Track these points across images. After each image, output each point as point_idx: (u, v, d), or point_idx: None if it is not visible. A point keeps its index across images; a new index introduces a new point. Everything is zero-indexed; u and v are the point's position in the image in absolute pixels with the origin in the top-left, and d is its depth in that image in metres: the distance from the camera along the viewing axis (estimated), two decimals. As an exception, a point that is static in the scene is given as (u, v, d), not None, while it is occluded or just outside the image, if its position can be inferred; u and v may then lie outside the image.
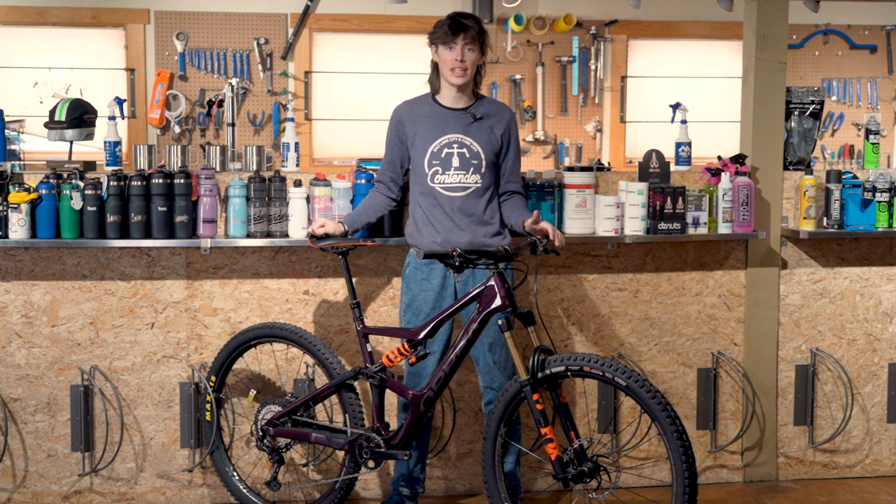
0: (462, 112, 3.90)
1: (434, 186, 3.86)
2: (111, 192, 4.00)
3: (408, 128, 3.91)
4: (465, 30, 3.79)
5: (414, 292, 3.91)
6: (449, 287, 3.88)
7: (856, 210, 4.42)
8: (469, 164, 3.85)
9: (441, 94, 3.92)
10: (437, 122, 3.88)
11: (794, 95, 4.61)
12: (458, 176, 3.85)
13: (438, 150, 3.86)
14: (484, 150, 3.87)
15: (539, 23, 6.77)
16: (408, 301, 3.94)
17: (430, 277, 3.88)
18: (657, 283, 4.45)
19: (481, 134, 3.87)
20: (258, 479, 4.26)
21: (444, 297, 3.88)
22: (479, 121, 3.88)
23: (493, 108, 3.94)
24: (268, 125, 6.63)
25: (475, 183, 3.86)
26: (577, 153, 6.94)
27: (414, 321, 3.90)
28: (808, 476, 4.60)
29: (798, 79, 7.01)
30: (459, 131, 3.87)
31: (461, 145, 3.86)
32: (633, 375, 3.40)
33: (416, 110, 3.94)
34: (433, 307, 3.87)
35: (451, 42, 3.80)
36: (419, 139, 3.88)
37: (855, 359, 4.60)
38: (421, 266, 3.89)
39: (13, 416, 4.20)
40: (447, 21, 3.82)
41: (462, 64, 3.81)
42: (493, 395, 3.90)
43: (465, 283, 3.86)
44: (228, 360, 4.08)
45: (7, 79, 6.46)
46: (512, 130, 3.94)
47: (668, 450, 3.36)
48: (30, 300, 4.16)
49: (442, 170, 3.85)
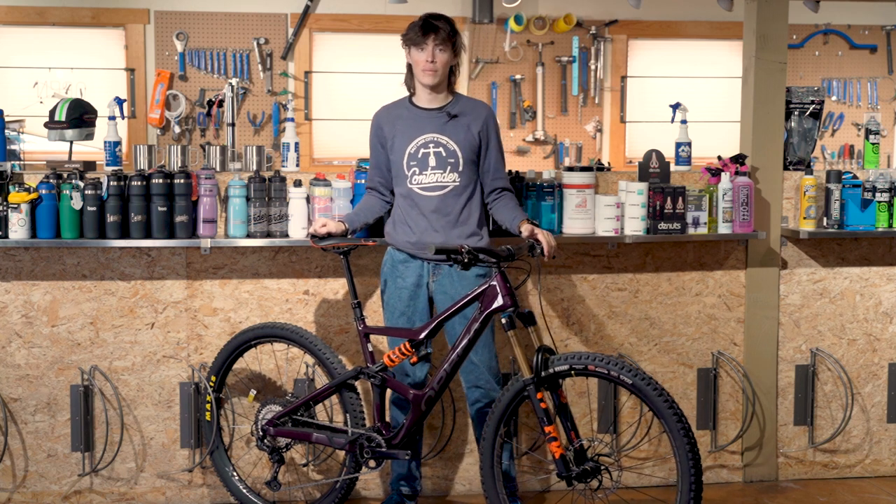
0: (437, 111, 3.89)
1: (412, 187, 3.86)
2: (111, 192, 4.00)
3: (387, 131, 3.92)
4: (435, 31, 3.81)
5: (391, 290, 3.93)
6: (423, 286, 3.88)
7: (856, 210, 4.42)
8: (446, 162, 3.85)
9: (417, 96, 3.93)
10: (413, 123, 3.88)
11: (794, 95, 4.61)
12: (435, 175, 3.85)
13: (415, 151, 3.86)
14: (461, 147, 3.85)
15: (539, 23, 6.77)
16: (386, 298, 3.96)
17: (405, 276, 3.89)
18: (657, 283, 4.45)
19: (458, 132, 3.86)
20: (258, 479, 4.26)
21: (418, 295, 3.88)
22: (455, 119, 3.87)
23: (469, 106, 3.93)
24: (268, 125, 6.63)
25: (453, 182, 3.85)
26: (577, 153, 6.94)
27: (391, 318, 3.92)
28: (808, 476, 4.60)
29: (798, 79, 7.01)
30: (435, 130, 3.86)
31: (437, 144, 3.86)
32: (639, 374, 3.40)
33: (393, 113, 3.95)
34: (407, 305, 3.88)
35: (421, 43, 3.82)
36: (397, 141, 3.89)
37: (855, 359, 4.60)
38: (397, 265, 3.90)
39: (13, 416, 4.20)
40: (419, 22, 3.84)
41: (433, 65, 3.81)
42: (479, 394, 3.90)
43: (439, 284, 3.86)
44: (228, 360, 4.08)
45: (7, 79, 6.46)
46: (490, 127, 3.92)
47: (674, 448, 3.36)
48: (30, 300, 4.16)
49: (419, 170, 3.85)
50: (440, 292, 3.86)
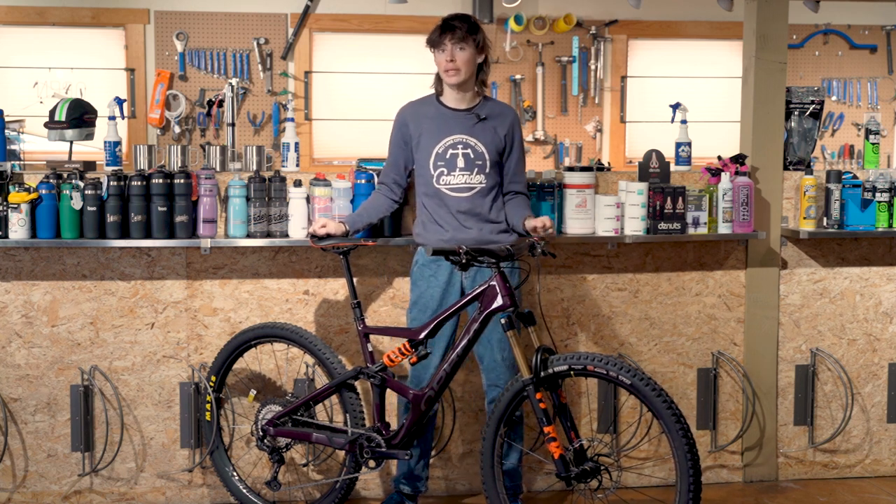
0: (466, 113, 3.90)
1: (440, 188, 3.87)
2: (111, 192, 4.00)
3: (412, 129, 3.92)
4: (451, 30, 3.82)
5: (421, 289, 3.92)
6: (455, 284, 3.88)
7: (856, 210, 4.42)
8: (474, 164, 3.86)
9: (445, 96, 3.94)
10: (441, 123, 3.89)
11: (794, 95, 4.61)
12: (464, 176, 3.86)
13: (443, 151, 3.87)
14: (488, 150, 3.88)
15: (539, 23, 6.77)
16: (415, 298, 3.95)
17: (437, 274, 3.89)
18: (657, 283, 4.45)
19: (485, 134, 3.88)
20: (258, 479, 4.26)
21: (450, 293, 3.89)
22: (484, 121, 3.89)
23: (496, 109, 3.95)
24: (268, 125, 6.63)
25: (480, 183, 3.87)
26: (577, 153, 6.94)
27: (420, 318, 3.91)
28: (808, 476, 4.60)
29: (798, 79, 7.01)
30: (464, 132, 3.88)
31: (466, 146, 3.87)
32: (638, 374, 3.40)
33: (420, 111, 3.94)
34: (440, 304, 3.88)
35: (440, 44, 3.83)
36: (424, 140, 3.89)
37: (855, 359, 4.60)
38: (429, 263, 3.90)
39: (13, 416, 4.20)
40: (439, 23, 3.85)
41: (453, 65, 3.82)
42: (497, 393, 3.90)
43: (472, 280, 3.87)
44: (228, 360, 4.08)
45: (7, 79, 6.46)
46: (516, 131, 3.96)
47: (673, 448, 3.36)
48: (30, 300, 4.16)
49: (447, 171, 3.86)
50: (472, 288, 3.84)
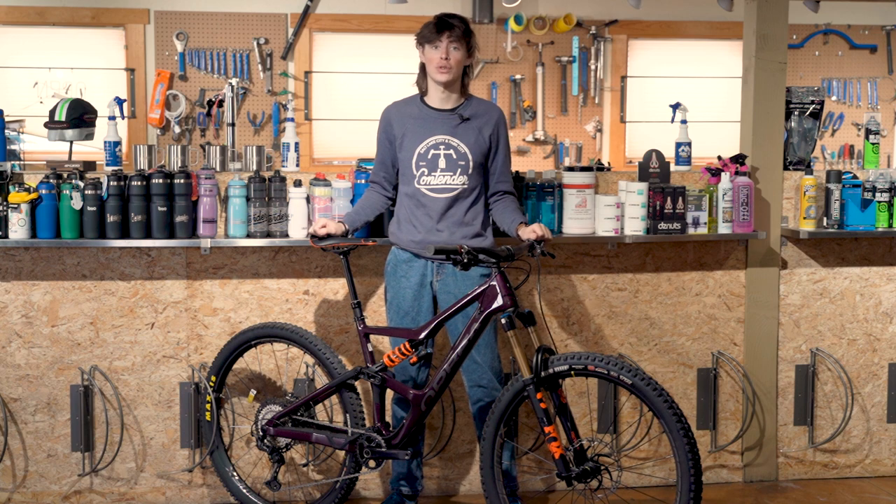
0: (449, 113, 3.89)
1: (419, 188, 3.86)
2: (111, 192, 4.00)
3: (396, 129, 3.91)
4: (450, 28, 3.80)
5: (394, 289, 3.93)
6: (426, 286, 3.88)
7: (856, 210, 4.42)
8: (456, 165, 3.85)
9: (429, 96, 3.92)
10: (424, 123, 3.88)
11: (794, 95, 4.61)
12: (445, 177, 3.85)
13: (425, 152, 3.86)
14: (471, 151, 3.86)
15: (539, 23, 6.77)
16: (389, 298, 3.96)
17: (409, 275, 3.89)
18: (657, 283, 4.45)
19: (469, 135, 3.86)
20: (258, 479, 4.26)
21: (423, 295, 3.88)
22: (467, 121, 3.87)
23: (481, 109, 3.93)
24: (268, 125, 6.63)
25: (462, 184, 3.85)
26: (577, 153, 6.94)
27: (395, 318, 3.92)
28: (808, 476, 4.60)
29: (798, 79, 7.01)
30: (446, 132, 3.86)
31: (448, 146, 3.85)
32: (639, 373, 3.40)
33: (404, 111, 3.94)
34: (411, 305, 3.88)
35: (436, 40, 3.81)
36: (407, 140, 3.88)
37: (855, 359, 4.60)
38: (400, 263, 3.90)
39: (13, 416, 4.20)
40: (433, 20, 3.84)
41: (447, 62, 3.81)
42: (482, 393, 3.90)
43: (443, 283, 3.86)
44: (228, 360, 4.08)
45: (7, 79, 6.46)
46: (501, 130, 3.93)
47: (674, 448, 3.36)
48: (30, 300, 4.16)
49: (428, 171, 3.85)
50: (444, 292, 3.86)
